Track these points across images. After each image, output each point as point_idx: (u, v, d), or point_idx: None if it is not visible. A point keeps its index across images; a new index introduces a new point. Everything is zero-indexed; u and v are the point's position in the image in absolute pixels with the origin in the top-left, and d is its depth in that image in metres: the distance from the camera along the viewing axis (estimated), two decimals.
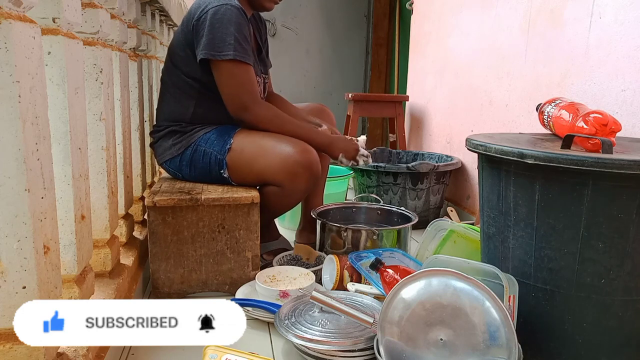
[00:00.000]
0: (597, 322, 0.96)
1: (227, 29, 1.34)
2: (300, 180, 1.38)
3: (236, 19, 1.35)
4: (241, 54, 1.36)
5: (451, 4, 2.44)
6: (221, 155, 1.41)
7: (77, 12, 0.83)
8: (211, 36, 1.34)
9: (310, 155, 1.38)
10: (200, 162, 1.44)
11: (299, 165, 1.36)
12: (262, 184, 1.43)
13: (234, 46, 1.34)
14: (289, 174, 1.36)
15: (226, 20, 1.34)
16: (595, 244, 0.92)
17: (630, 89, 1.31)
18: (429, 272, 0.93)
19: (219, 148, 1.41)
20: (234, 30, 1.34)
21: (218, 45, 1.34)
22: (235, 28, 1.34)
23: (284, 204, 1.49)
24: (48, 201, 0.69)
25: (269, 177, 1.39)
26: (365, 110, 2.89)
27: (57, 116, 0.80)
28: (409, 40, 3.09)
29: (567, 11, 1.56)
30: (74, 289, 0.86)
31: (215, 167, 1.42)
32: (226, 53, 1.34)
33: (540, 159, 0.90)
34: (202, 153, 1.43)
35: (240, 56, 1.35)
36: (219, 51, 1.34)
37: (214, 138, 1.43)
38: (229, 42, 1.34)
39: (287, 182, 1.38)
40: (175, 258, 1.34)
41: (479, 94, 2.14)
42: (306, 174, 1.37)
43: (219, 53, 1.34)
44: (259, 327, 1.22)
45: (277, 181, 1.39)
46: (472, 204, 2.16)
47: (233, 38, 1.34)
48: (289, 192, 1.41)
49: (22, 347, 0.67)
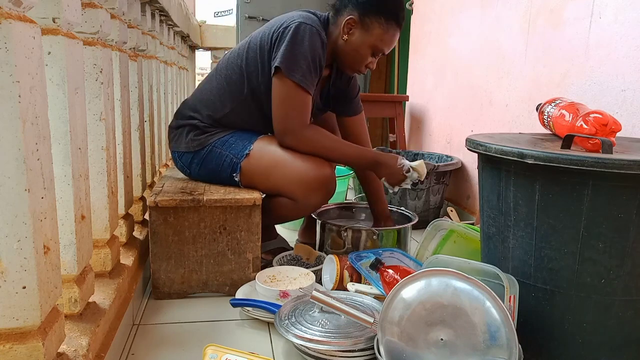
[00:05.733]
0: (597, 322, 0.96)
1: (306, 51, 1.32)
2: (315, 197, 1.37)
3: (317, 47, 1.33)
4: (306, 82, 1.33)
5: (451, 4, 2.44)
6: (237, 159, 1.40)
7: (77, 12, 0.83)
8: (290, 48, 1.31)
9: (327, 172, 1.37)
10: (212, 163, 1.44)
11: (315, 181, 1.35)
12: (274, 194, 1.42)
13: (303, 71, 1.32)
14: (305, 189, 1.36)
15: (307, 42, 1.32)
16: (595, 244, 0.92)
17: (630, 89, 1.31)
18: (429, 272, 0.93)
19: (236, 152, 1.41)
20: (310, 56, 1.32)
21: (292, 61, 1.32)
22: (311, 55, 1.33)
23: (294, 216, 1.50)
24: (48, 201, 0.69)
25: (284, 189, 1.38)
26: (365, 110, 2.84)
27: (57, 116, 0.80)
28: (409, 40, 3.08)
29: (567, 11, 1.56)
30: (74, 288, 0.86)
31: (228, 169, 1.42)
32: (294, 74, 1.32)
33: (540, 159, 0.90)
34: (216, 154, 1.42)
35: (305, 84, 1.33)
36: (290, 68, 1.32)
37: (233, 141, 1.43)
38: (301, 66, 1.32)
39: (301, 197, 1.37)
40: (176, 258, 1.34)
41: (479, 94, 2.14)
42: (322, 190, 1.37)
43: (289, 69, 1.32)
44: (259, 327, 1.22)
45: (291, 194, 1.38)
46: (472, 204, 2.16)
47: (306, 63, 1.32)
48: (302, 206, 1.40)
49: (22, 347, 0.67)
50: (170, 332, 1.18)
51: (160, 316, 1.26)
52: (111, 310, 0.99)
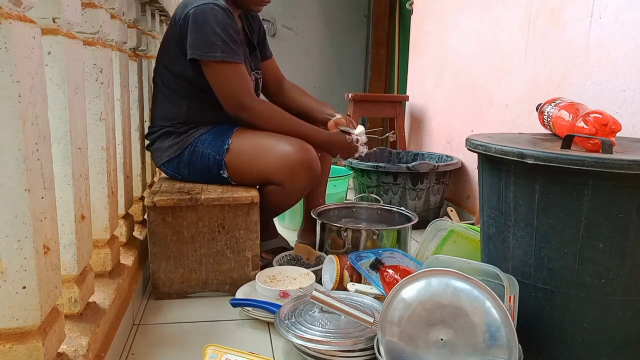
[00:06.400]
0: (597, 322, 0.96)
1: (213, 29, 1.32)
2: (301, 179, 1.38)
3: (222, 19, 1.34)
4: (230, 54, 1.35)
5: (451, 4, 2.44)
6: (219, 155, 1.41)
7: (77, 12, 0.83)
8: (196, 35, 1.33)
9: (309, 153, 1.38)
10: (198, 164, 1.44)
11: (298, 163, 1.36)
12: (263, 183, 1.43)
13: (221, 47, 1.33)
14: (289, 172, 1.36)
15: (211, 19, 1.33)
16: (595, 244, 0.92)
17: (630, 89, 1.31)
18: (429, 272, 0.93)
19: (216, 149, 1.41)
20: (220, 30, 1.33)
21: (205, 45, 1.33)
22: (220, 28, 1.33)
23: (285, 203, 1.49)
24: (48, 201, 0.69)
25: (269, 177, 1.39)
26: (365, 110, 2.89)
27: (57, 116, 0.80)
28: (409, 40, 3.09)
29: (567, 11, 1.56)
30: (74, 288, 0.86)
31: (214, 167, 1.42)
32: (214, 54, 1.33)
33: (540, 159, 0.90)
34: (200, 154, 1.43)
35: (229, 57, 1.34)
36: (206, 52, 1.33)
37: (211, 139, 1.43)
38: (216, 43, 1.33)
39: (287, 181, 1.38)
40: (175, 258, 1.34)
41: (479, 94, 2.14)
42: (306, 172, 1.38)
43: (207, 54, 1.33)
44: (259, 327, 1.22)
45: (278, 180, 1.39)
46: (472, 204, 2.16)
47: (220, 39, 1.33)
48: (290, 191, 1.41)
49: (22, 347, 0.67)
50: (170, 332, 1.18)
51: (160, 316, 1.26)
52: (111, 310, 0.99)
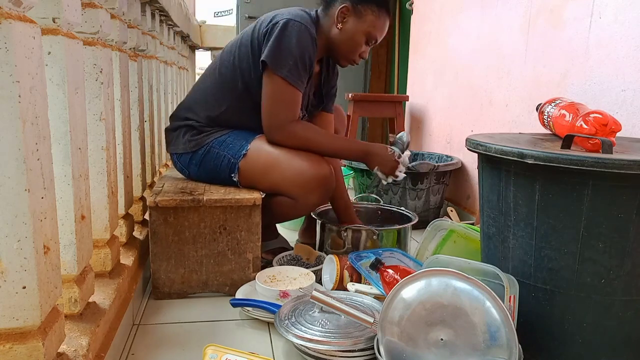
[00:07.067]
0: (597, 322, 0.96)
1: (293, 47, 1.33)
2: (314, 195, 1.38)
3: (305, 44, 1.34)
4: (294, 78, 1.35)
5: (451, 4, 2.44)
6: (235, 159, 1.40)
7: (77, 12, 0.83)
8: (277, 44, 1.33)
9: (324, 170, 1.37)
10: (210, 164, 1.44)
11: (313, 180, 1.35)
12: (274, 193, 1.43)
13: (290, 67, 1.33)
14: (303, 188, 1.36)
15: (296, 38, 1.33)
16: (595, 244, 0.92)
17: (630, 89, 1.31)
18: (429, 272, 0.93)
19: (233, 152, 1.41)
20: (298, 52, 1.33)
21: (279, 57, 1.33)
22: (299, 51, 1.34)
23: (294, 215, 1.50)
24: (48, 201, 0.69)
25: (282, 189, 1.39)
26: (365, 110, 2.89)
27: (57, 116, 0.80)
28: (409, 40, 3.09)
29: (567, 11, 1.56)
30: (74, 288, 0.86)
31: (226, 169, 1.42)
32: (282, 69, 1.33)
33: (540, 159, 0.90)
34: (214, 155, 1.43)
35: (293, 80, 1.34)
36: (277, 64, 1.33)
37: (230, 141, 1.43)
38: (288, 61, 1.33)
39: (300, 196, 1.37)
40: (176, 258, 1.34)
41: (479, 94, 2.14)
42: (320, 189, 1.37)
43: (276, 66, 1.33)
44: (259, 327, 1.22)
45: (290, 194, 1.38)
46: (472, 204, 2.16)
47: (293, 59, 1.33)
48: (301, 205, 1.40)
49: (22, 347, 0.67)
50: (170, 332, 1.18)
51: (160, 316, 1.26)
52: (111, 310, 0.99)
